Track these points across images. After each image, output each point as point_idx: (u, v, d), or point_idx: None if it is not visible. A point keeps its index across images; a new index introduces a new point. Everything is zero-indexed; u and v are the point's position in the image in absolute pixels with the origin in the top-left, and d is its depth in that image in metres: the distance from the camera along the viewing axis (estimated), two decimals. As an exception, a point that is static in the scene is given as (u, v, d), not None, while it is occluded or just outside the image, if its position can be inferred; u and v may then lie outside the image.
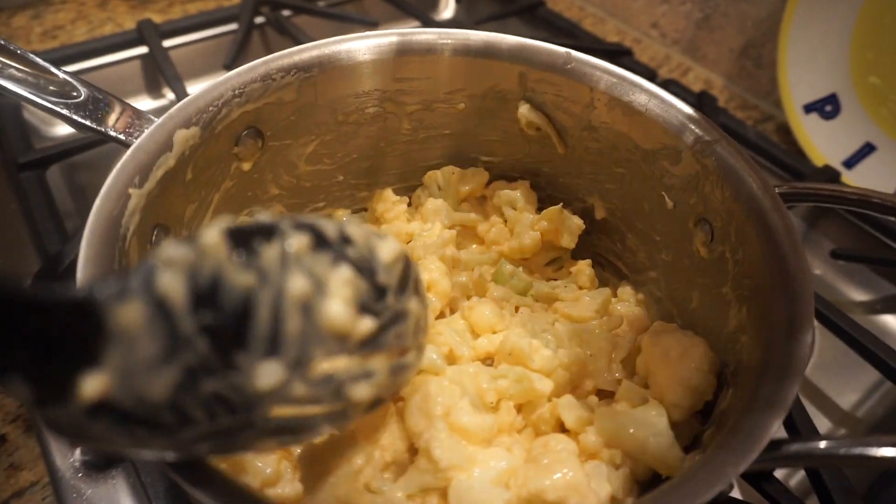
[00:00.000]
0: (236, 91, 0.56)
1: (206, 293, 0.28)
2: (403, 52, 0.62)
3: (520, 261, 0.68)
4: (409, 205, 0.73)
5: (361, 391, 0.33)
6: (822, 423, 0.77)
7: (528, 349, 0.52)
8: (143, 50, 1.05)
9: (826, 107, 1.03)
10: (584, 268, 0.67)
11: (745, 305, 0.48)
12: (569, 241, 0.66)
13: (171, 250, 0.28)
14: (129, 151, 0.48)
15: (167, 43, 1.06)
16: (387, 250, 0.35)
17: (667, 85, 1.10)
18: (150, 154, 0.49)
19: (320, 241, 0.32)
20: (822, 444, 0.35)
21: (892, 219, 0.47)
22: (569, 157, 0.66)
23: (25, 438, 0.66)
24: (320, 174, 0.68)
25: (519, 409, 0.51)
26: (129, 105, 0.53)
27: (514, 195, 0.68)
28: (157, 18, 1.15)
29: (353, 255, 0.33)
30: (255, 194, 0.63)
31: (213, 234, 0.28)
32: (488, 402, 0.49)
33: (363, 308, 0.33)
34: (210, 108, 0.54)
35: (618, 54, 1.17)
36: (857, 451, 0.34)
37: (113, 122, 0.52)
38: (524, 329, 0.56)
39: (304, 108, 0.61)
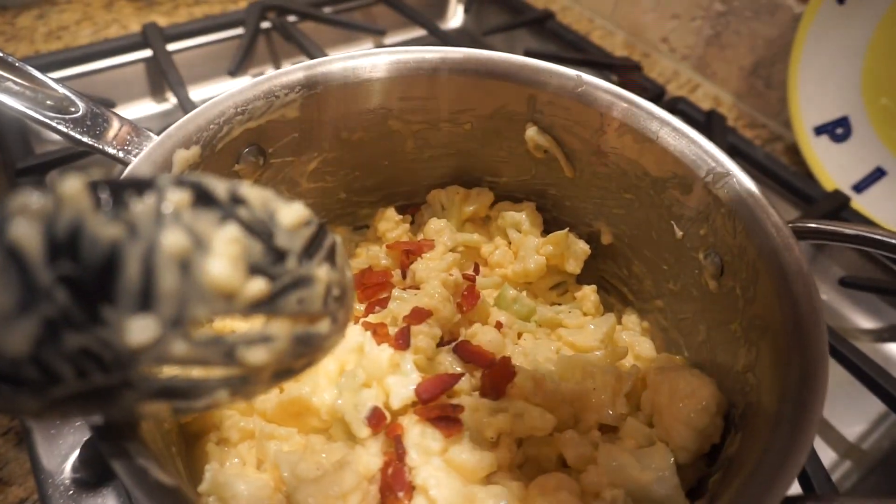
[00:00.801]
0: (238, 108, 0.55)
1: (65, 243, 0.27)
2: (409, 70, 0.61)
3: (523, 285, 0.67)
4: (413, 223, 0.72)
5: (257, 355, 0.32)
6: (826, 456, 0.76)
7: (531, 383, 0.50)
8: (147, 53, 1.04)
9: (837, 129, 1.01)
10: (589, 293, 0.66)
11: (756, 346, 0.47)
12: (574, 267, 0.65)
13: (25, 198, 0.26)
14: (126, 171, 0.47)
15: (172, 47, 1.04)
16: (288, 214, 0.34)
17: (675, 102, 1.08)
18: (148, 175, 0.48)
19: (206, 200, 0.31)
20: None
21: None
22: (576, 181, 0.65)
23: (16, 452, 0.65)
24: (322, 191, 0.67)
25: (519, 443, 0.50)
26: (127, 121, 0.52)
27: (520, 217, 0.67)
28: (163, 21, 1.14)
29: (246, 215, 0.32)
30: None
31: (73, 182, 0.27)
32: (488, 437, 0.48)
33: (255, 269, 0.31)
34: (211, 126, 0.53)
35: (626, 69, 1.16)
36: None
37: (111, 138, 0.51)
38: (526, 359, 0.55)
39: (308, 125, 0.60)
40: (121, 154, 0.50)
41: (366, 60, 0.59)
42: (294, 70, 0.58)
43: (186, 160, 0.51)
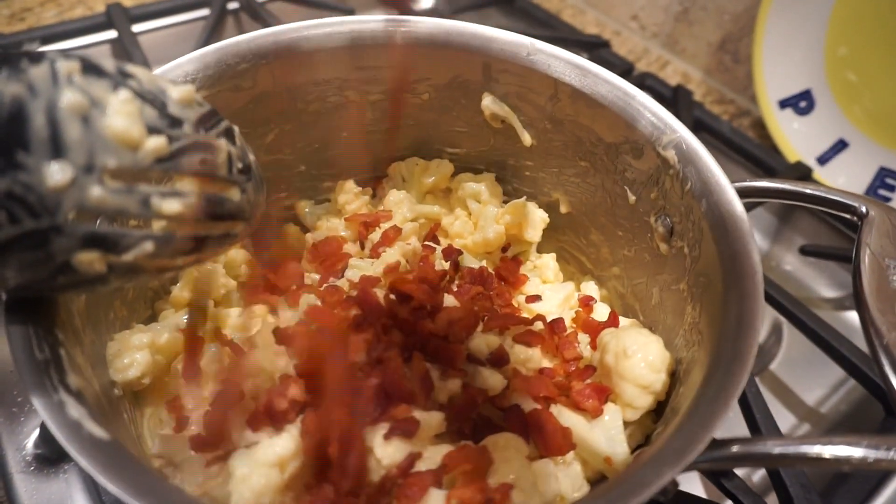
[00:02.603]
0: (189, 77, 0.55)
1: None
2: (364, 40, 0.60)
3: (484, 254, 0.67)
4: (374, 196, 0.72)
5: (171, 205, 0.36)
6: (786, 419, 0.78)
7: (484, 345, 0.51)
8: (112, 34, 1.03)
9: (800, 102, 1.02)
10: (548, 261, 0.66)
11: (700, 302, 0.48)
12: (533, 235, 0.65)
13: None
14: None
15: (137, 27, 1.03)
16: (177, 90, 0.38)
17: (643, 78, 1.09)
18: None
19: (96, 71, 0.34)
20: (762, 446, 0.35)
21: (847, 216, 0.47)
22: (533, 150, 0.65)
23: (-24, 431, 0.64)
24: (281, 164, 0.67)
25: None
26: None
27: (479, 188, 0.67)
28: (129, 2, 1.13)
29: (136, 86, 0.36)
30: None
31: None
32: (440, 401, 0.48)
33: (152, 129, 0.35)
34: (160, 95, 0.52)
35: (594, 46, 1.16)
36: (794, 450, 0.34)
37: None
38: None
39: (262, 95, 0.60)
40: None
41: (319, 30, 0.59)
42: (246, 39, 0.57)
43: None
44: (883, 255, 0.42)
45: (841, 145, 0.99)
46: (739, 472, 0.63)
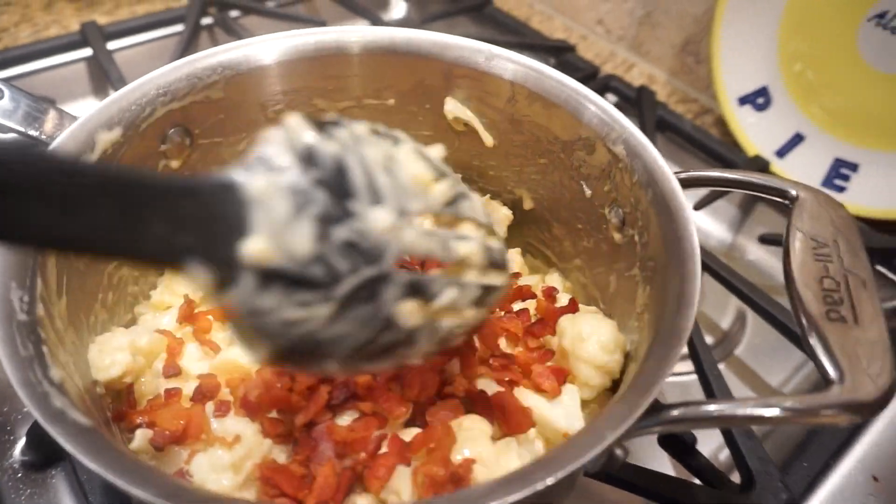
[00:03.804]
0: (160, 90, 0.57)
1: (306, 157, 0.34)
2: (330, 50, 0.63)
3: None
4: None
5: (465, 247, 0.40)
6: (750, 402, 0.81)
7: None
8: (87, 52, 1.05)
9: (758, 99, 1.06)
10: (514, 256, 0.69)
11: (649, 284, 0.51)
12: (498, 231, 0.68)
13: (266, 133, 0.34)
14: (49, 150, 0.49)
15: (112, 45, 1.06)
16: (435, 149, 0.43)
17: (608, 80, 1.13)
18: (70, 153, 0.50)
19: (378, 133, 0.39)
20: (698, 408, 0.38)
21: (779, 200, 0.50)
22: (496, 151, 0.68)
23: (-35, 439, 0.66)
24: (254, 171, 0.69)
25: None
26: (52, 105, 0.54)
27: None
28: (104, 20, 1.15)
29: (409, 143, 0.41)
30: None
31: (293, 118, 0.35)
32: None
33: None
34: (133, 108, 0.55)
35: (561, 51, 1.20)
36: (727, 411, 0.37)
37: (40, 125, 0.53)
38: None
39: (233, 106, 0.63)
40: (44, 137, 0.52)
41: (286, 42, 0.62)
42: (215, 52, 0.60)
43: (109, 141, 0.53)
44: (811, 234, 0.45)
45: (797, 139, 1.03)
46: (705, 451, 0.66)
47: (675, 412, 0.38)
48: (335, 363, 0.37)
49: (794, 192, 0.48)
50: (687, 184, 0.51)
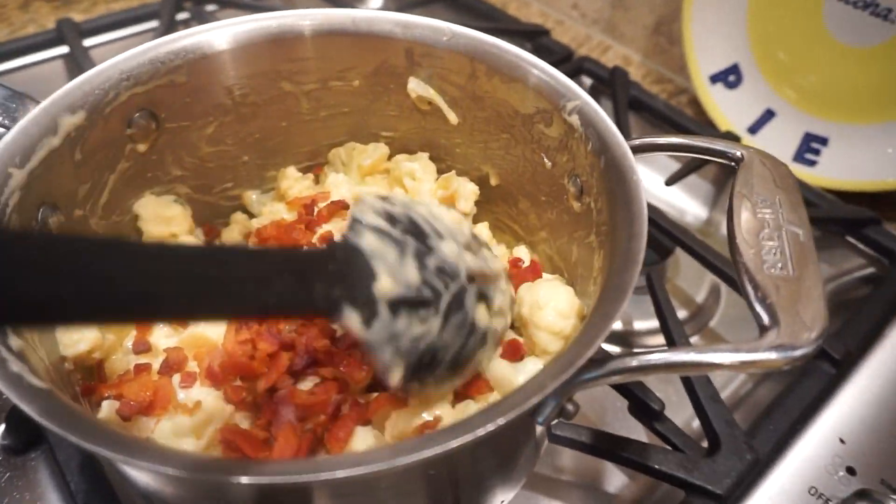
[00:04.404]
0: (124, 74, 0.58)
1: (388, 217, 0.45)
2: (291, 32, 0.65)
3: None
4: (317, 182, 0.76)
5: (497, 263, 0.55)
6: (722, 372, 0.82)
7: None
8: (63, 49, 1.06)
9: (729, 76, 1.08)
10: (481, 229, 0.70)
11: (603, 249, 0.52)
12: (465, 206, 0.69)
13: (351, 207, 0.47)
14: (9, 134, 0.50)
15: (88, 42, 1.07)
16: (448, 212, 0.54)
17: (581, 62, 1.14)
18: (32, 137, 0.51)
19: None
20: (641, 356, 0.39)
21: (724, 162, 0.51)
22: (461, 128, 0.69)
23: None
24: (224, 155, 0.70)
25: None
26: (11, 89, 0.55)
27: (413, 166, 0.71)
28: (80, 17, 1.16)
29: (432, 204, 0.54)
30: (155, 175, 0.65)
31: (367, 196, 0.47)
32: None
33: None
34: (97, 92, 0.56)
35: (536, 35, 1.21)
36: (670, 359, 0.38)
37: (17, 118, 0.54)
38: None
39: (198, 89, 0.64)
40: (7, 122, 0.53)
41: (243, 26, 0.63)
42: (177, 38, 0.61)
43: (73, 125, 0.54)
44: (753, 194, 0.46)
45: (769, 115, 1.05)
46: (677, 420, 0.67)
47: (619, 362, 0.39)
48: (445, 371, 0.46)
49: (738, 153, 0.49)
50: (638, 149, 0.52)
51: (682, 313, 0.87)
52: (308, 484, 0.35)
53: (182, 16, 1.15)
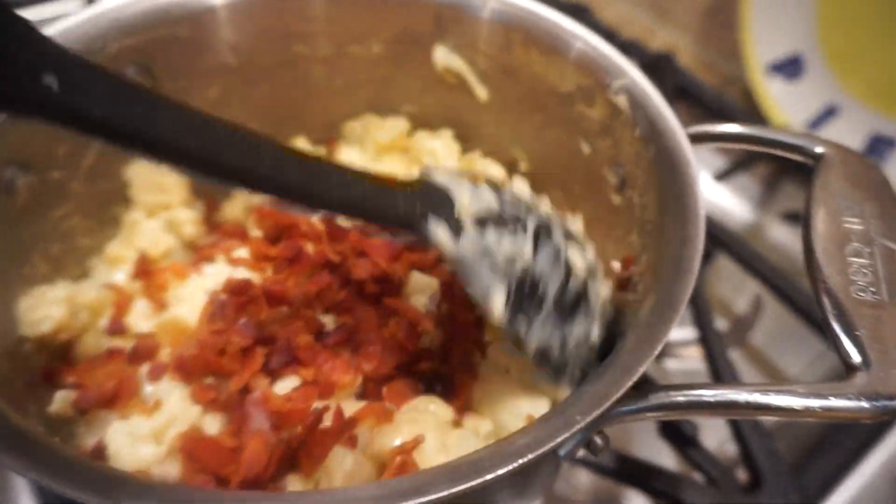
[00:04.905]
0: (117, 22, 0.52)
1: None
2: (306, -14, 0.58)
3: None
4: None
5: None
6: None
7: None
8: None
9: (789, 67, 0.98)
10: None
11: (646, 252, 0.45)
12: None
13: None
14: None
15: None
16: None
17: (626, 46, 1.05)
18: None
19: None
20: (693, 392, 0.32)
21: (800, 159, 0.43)
22: (489, 106, 0.62)
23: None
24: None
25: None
26: None
27: (435, 145, 0.64)
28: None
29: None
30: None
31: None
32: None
33: None
34: (83, 39, 0.50)
35: (575, 12, 1.12)
36: (728, 397, 0.31)
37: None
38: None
39: (201, 46, 0.57)
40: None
41: (257, -25, 0.56)
42: (178, -14, 0.55)
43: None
44: (837, 198, 0.38)
45: (831, 111, 0.95)
46: (710, 443, 0.60)
47: (664, 396, 0.32)
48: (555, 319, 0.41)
49: (818, 149, 0.41)
50: (696, 139, 0.45)
51: (720, 324, 0.79)
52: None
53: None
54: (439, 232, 0.38)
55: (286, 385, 0.41)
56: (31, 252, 0.49)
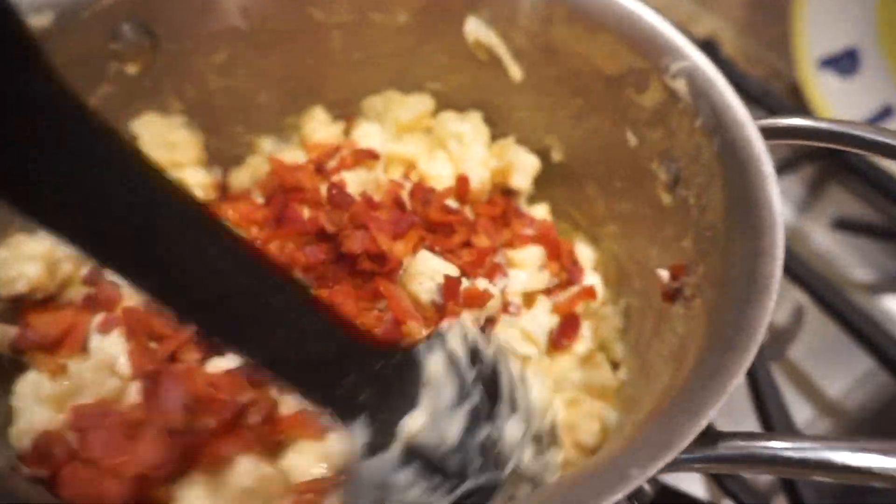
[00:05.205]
0: (113, -29, 0.46)
1: (472, 352, 0.36)
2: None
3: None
4: (347, 136, 0.63)
5: (557, 455, 0.39)
6: (802, 413, 0.68)
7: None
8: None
9: (844, 62, 0.91)
10: (539, 212, 0.57)
11: (704, 262, 0.39)
12: (521, 181, 0.56)
13: (443, 322, 0.38)
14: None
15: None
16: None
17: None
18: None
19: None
20: (771, 445, 0.26)
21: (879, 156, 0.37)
22: (524, 87, 0.56)
23: None
24: (236, 91, 0.58)
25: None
26: None
27: (462, 128, 0.58)
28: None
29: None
30: (147, 106, 0.53)
31: (466, 317, 0.40)
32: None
33: None
34: (73, -11, 0.44)
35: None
36: (813, 455, 0.25)
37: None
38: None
39: (208, 5, 0.52)
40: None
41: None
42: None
43: (36, 28, 0.43)
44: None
45: (888, 111, 0.88)
46: (744, 469, 0.55)
47: (735, 445, 0.26)
48: None
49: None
50: (770, 134, 0.38)
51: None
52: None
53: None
54: (359, 436, 0.32)
55: (222, 364, 0.36)
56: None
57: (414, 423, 0.31)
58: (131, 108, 0.52)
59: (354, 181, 0.51)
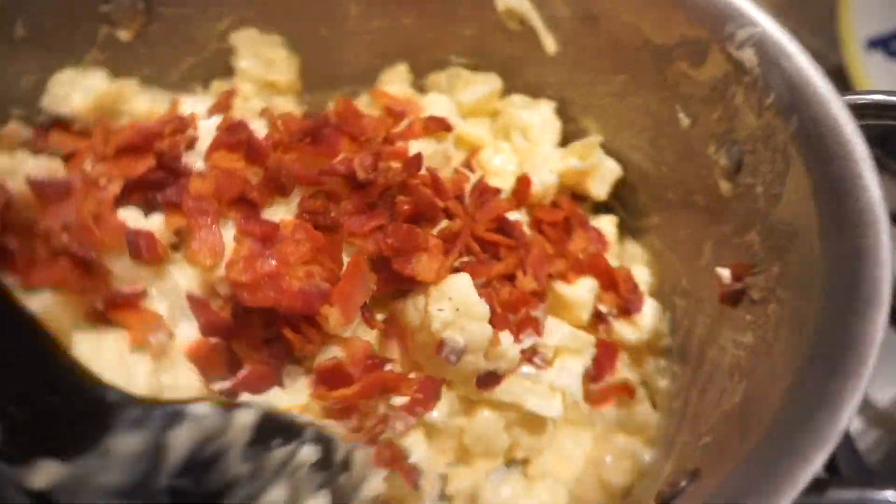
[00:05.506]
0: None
1: (199, 463, 0.30)
2: None
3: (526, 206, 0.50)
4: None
5: None
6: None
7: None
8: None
9: (893, 43, 0.85)
10: (606, 227, 0.51)
11: (779, 262, 0.33)
12: (599, 190, 0.50)
13: (203, 409, 0.30)
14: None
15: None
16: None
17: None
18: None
19: (325, 462, 0.34)
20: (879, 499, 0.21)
21: None
22: (558, 60, 0.51)
23: None
24: (239, 63, 0.53)
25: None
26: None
27: (531, 119, 0.51)
28: None
29: (343, 481, 0.35)
30: (142, 75, 0.48)
31: (248, 417, 0.31)
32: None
33: None
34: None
35: None
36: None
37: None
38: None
39: (208, -35, 0.46)
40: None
41: None
42: None
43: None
44: None
45: (940, 97, 0.82)
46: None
47: (844, 497, 0.21)
48: None
49: None
50: (862, 113, 0.33)
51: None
52: None
53: None
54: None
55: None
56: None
57: (44, 472, 0.26)
58: (123, 78, 0.47)
59: (422, 151, 0.45)
